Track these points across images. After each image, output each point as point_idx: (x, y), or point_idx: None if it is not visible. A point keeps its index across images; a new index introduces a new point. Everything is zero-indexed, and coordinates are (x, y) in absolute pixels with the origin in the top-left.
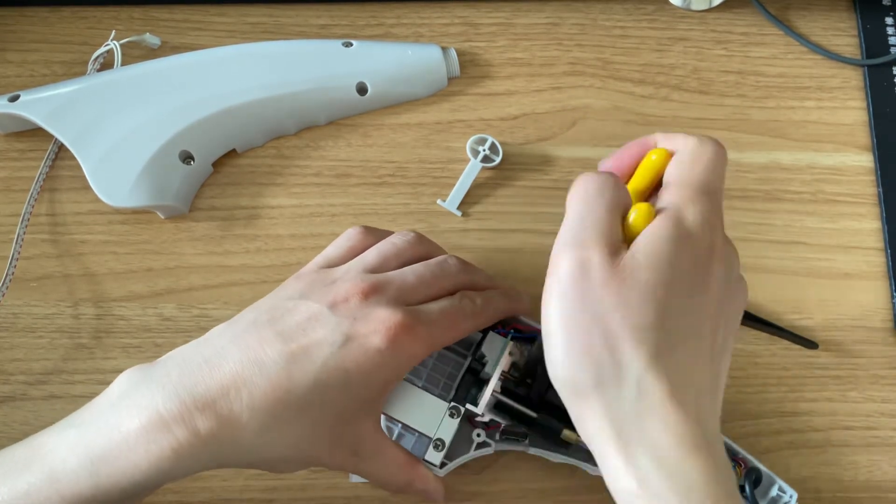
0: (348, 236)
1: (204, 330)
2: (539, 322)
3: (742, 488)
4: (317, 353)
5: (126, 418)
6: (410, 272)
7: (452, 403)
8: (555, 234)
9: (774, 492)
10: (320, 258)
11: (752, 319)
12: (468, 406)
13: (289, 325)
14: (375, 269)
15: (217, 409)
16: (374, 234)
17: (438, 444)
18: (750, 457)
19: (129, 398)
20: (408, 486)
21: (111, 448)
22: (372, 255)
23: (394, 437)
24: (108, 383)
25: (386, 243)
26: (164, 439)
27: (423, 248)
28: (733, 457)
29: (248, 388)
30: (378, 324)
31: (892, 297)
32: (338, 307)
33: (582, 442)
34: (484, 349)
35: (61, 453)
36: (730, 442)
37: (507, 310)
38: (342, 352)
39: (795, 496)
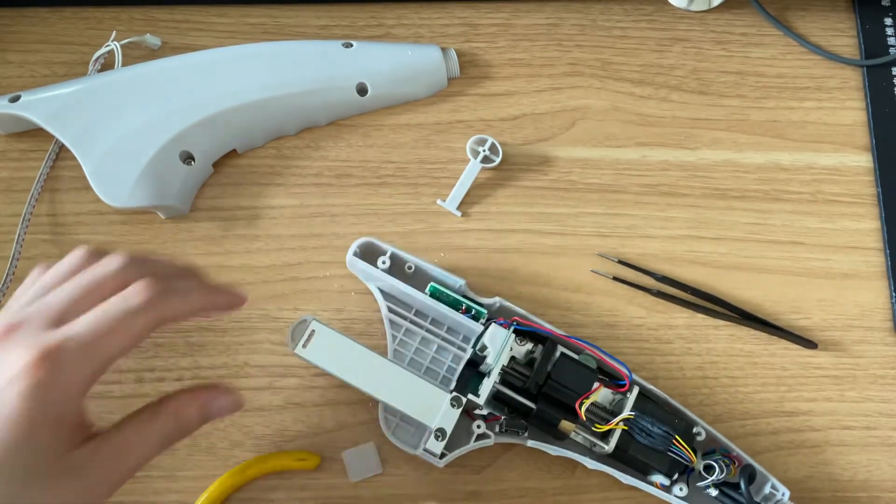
0: (30, 278)
1: (204, 329)
2: (539, 321)
3: (737, 485)
4: None
5: None
6: (53, 294)
7: (454, 393)
8: (554, 234)
9: (767, 489)
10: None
11: (751, 319)
12: (469, 396)
13: None
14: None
15: None
16: (92, 258)
17: (439, 434)
18: (744, 454)
19: None
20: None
21: None
22: (32, 289)
23: (392, 428)
24: (108, 383)
25: (48, 274)
26: None
27: (137, 273)
28: (727, 454)
29: None
30: (12, 370)
31: (891, 296)
32: None
33: (579, 433)
34: (485, 340)
35: None
36: (724, 439)
37: (203, 303)
38: None
39: (788, 494)
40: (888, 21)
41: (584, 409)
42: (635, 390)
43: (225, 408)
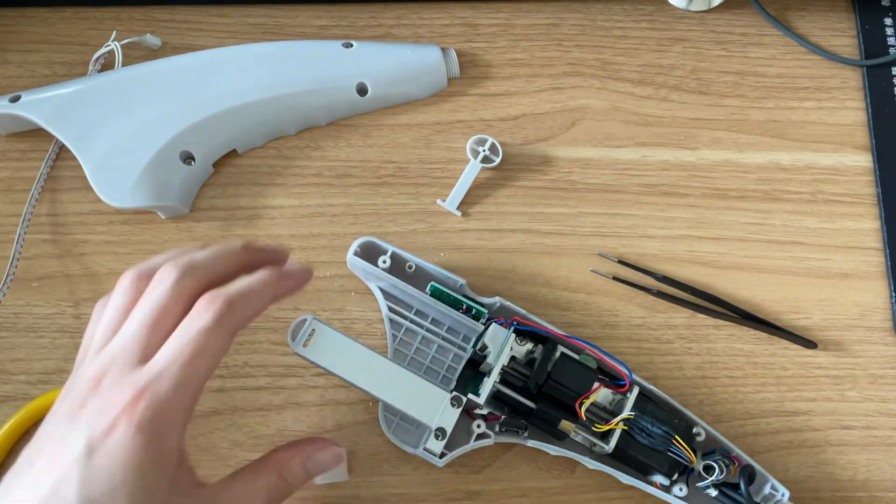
0: (94, 316)
1: None
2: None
3: (737, 486)
4: (66, 490)
5: None
6: (124, 333)
7: (454, 393)
8: (554, 234)
9: (767, 490)
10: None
11: (751, 319)
12: (469, 396)
13: (39, 470)
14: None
15: None
16: (141, 281)
17: (439, 433)
18: (744, 455)
19: None
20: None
21: None
22: (99, 330)
23: (392, 427)
24: None
25: (107, 311)
26: None
27: (193, 282)
28: (727, 455)
29: None
30: (109, 417)
31: (891, 296)
32: (76, 415)
33: (579, 432)
34: (486, 340)
35: None
36: (724, 439)
37: (269, 296)
38: (90, 469)
39: (787, 494)
40: (888, 21)
41: (584, 408)
42: (635, 390)
43: (328, 461)
